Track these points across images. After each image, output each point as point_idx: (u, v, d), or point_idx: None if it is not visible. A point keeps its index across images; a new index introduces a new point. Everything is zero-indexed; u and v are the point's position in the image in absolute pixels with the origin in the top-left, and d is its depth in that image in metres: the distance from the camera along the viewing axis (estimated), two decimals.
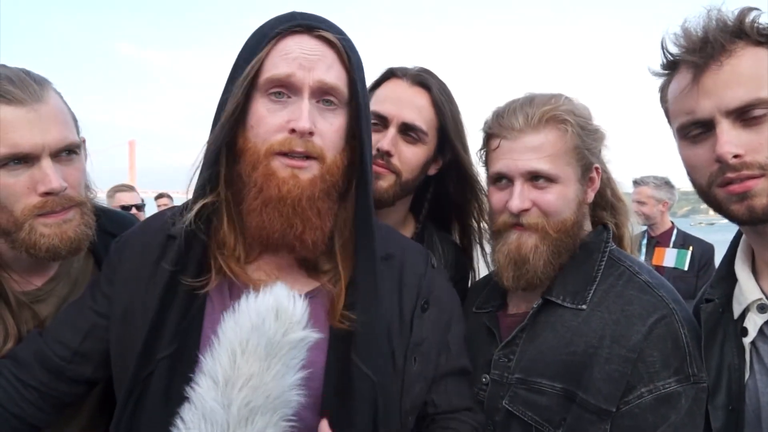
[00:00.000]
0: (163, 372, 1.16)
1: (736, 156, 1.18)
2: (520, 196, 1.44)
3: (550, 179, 1.44)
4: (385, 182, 1.71)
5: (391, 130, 1.72)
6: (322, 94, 1.17)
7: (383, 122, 1.73)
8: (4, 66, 1.40)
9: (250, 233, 1.20)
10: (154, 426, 1.13)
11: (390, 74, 1.81)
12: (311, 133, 1.14)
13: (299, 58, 1.15)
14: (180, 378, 1.14)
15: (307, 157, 1.15)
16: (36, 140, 1.33)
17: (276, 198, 1.14)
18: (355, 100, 1.20)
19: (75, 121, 1.48)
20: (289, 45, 1.17)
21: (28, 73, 1.39)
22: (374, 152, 1.68)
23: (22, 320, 1.42)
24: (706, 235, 5.20)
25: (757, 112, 1.17)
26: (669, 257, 4.81)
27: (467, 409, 1.36)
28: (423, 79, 1.77)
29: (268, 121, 1.15)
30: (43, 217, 1.36)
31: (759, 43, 1.19)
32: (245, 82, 1.15)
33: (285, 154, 1.14)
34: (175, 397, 1.11)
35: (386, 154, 1.70)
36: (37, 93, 1.36)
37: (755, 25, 1.19)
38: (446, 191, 1.94)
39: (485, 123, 1.57)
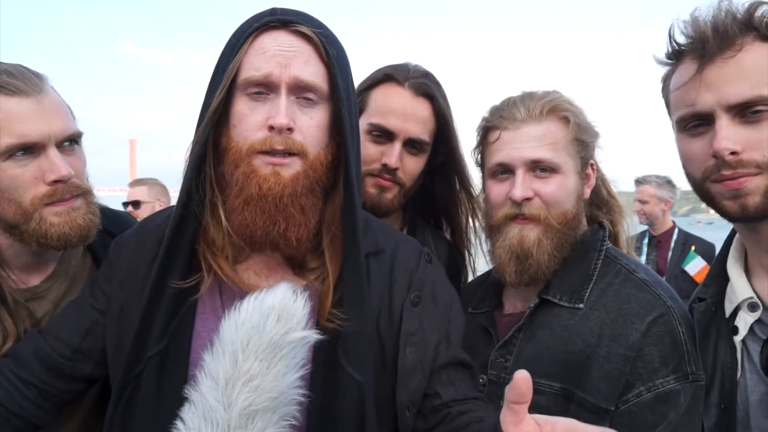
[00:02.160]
0: (153, 370, 1.16)
1: (733, 153, 1.17)
2: (522, 185, 1.43)
3: (552, 169, 1.44)
4: (390, 194, 1.75)
5: (397, 146, 1.73)
6: (300, 90, 1.16)
7: (388, 136, 1.74)
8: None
9: (235, 232, 1.19)
10: (145, 424, 1.14)
11: (388, 78, 1.78)
12: (290, 129, 1.14)
13: (276, 56, 1.15)
14: (170, 376, 1.15)
15: (289, 153, 1.15)
16: (42, 130, 1.35)
17: (257, 196, 1.14)
18: (336, 94, 1.19)
19: (72, 113, 1.49)
20: (265, 42, 1.16)
21: (25, 67, 1.41)
22: (380, 167, 1.72)
23: (19, 319, 1.42)
24: (705, 233, 5.21)
25: (759, 109, 1.15)
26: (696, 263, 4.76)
27: (475, 398, 1.31)
28: (426, 89, 1.76)
29: (249, 119, 1.15)
30: (52, 206, 1.37)
31: (766, 39, 1.17)
32: (226, 82, 1.15)
33: (266, 153, 1.14)
34: (166, 395, 1.12)
35: (393, 170, 1.72)
36: (38, 85, 1.38)
37: (765, 19, 1.17)
38: (434, 188, 1.95)
39: (482, 119, 1.56)
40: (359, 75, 1.29)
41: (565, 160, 1.45)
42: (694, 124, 1.24)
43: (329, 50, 1.18)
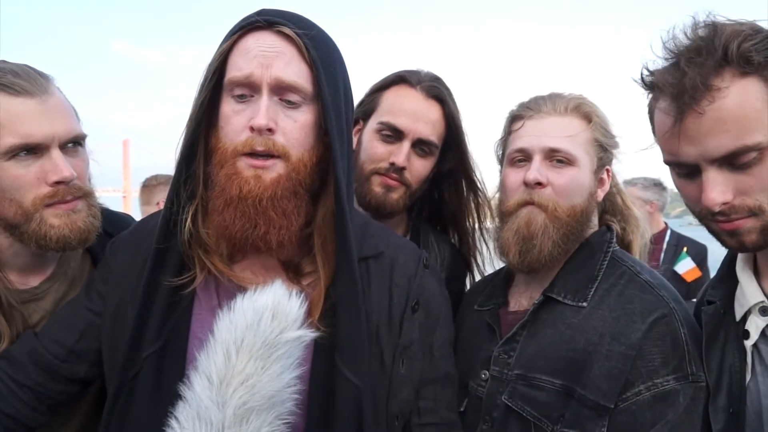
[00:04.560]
0: (150, 370, 1.16)
1: (724, 203, 1.15)
2: (537, 170, 1.46)
3: (568, 160, 1.47)
4: (396, 194, 1.75)
5: (406, 145, 1.73)
6: (283, 91, 1.16)
7: (398, 135, 1.74)
8: (5, 61, 1.41)
9: (215, 233, 1.20)
10: (143, 424, 1.13)
11: (401, 80, 1.79)
12: (271, 130, 1.13)
13: (258, 56, 1.14)
14: (168, 376, 1.15)
15: (270, 155, 1.14)
16: (46, 131, 1.34)
17: (236, 198, 1.13)
18: (320, 96, 1.18)
19: (76, 115, 1.49)
20: (248, 43, 1.16)
21: (31, 67, 1.40)
22: (387, 166, 1.73)
23: (13, 321, 1.41)
24: (698, 234, 5.23)
25: (744, 159, 1.11)
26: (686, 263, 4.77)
27: (449, 423, 1.34)
28: (437, 92, 1.77)
29: (233, 121, 1.15)
30: (53, 207, 1.37)
31: (745, 73, 1.09)
32: (209, 83, 1.16)
33: (249, 155, 1.14)
34: (164, 394, 1.12)
35: (400, 169, 1.73)
36: (44, 85, 1.38)
37: (741, 52, 1.09)
38: (442, 196, 1.95)
39: (509, 111, 1.61)
40: (358, 76, 1.28)
41: (581, 154, 1.49)
42: (682, 172, 1.22)
43: (312, 51, 1.16)
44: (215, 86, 1.18)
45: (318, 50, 1.17)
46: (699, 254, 4.78)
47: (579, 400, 1.34)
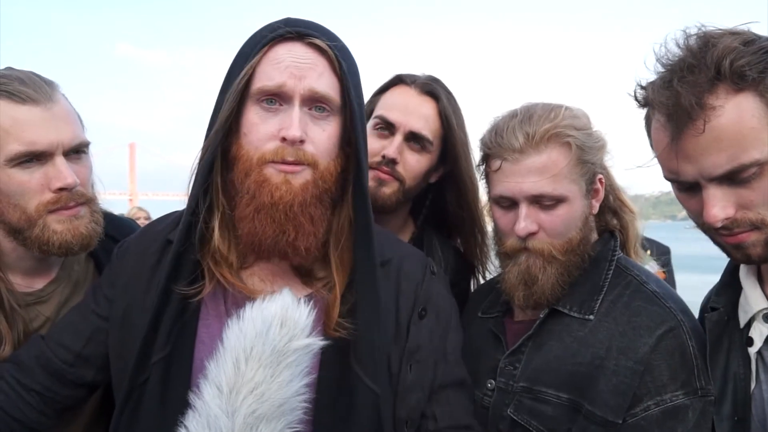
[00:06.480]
0: (158, 376, 1.16)
1: (725, 218, 1.15)
2: (526, 219, 1.41)
3: (557, 200, 1.40)
4: (388, 189, 1.73)
5: (398, 138, 1.73)
6: (314, 102, 1.17)
7: (390, 129, 1.74)
8: (12, 68, 1.43)
9: (242, 240, 1.20)
10: (150, 430, 1.13)
11: (398, 80, 1.82)
12: (302, 141, 1.14)
13: (290, 67, 1.15)
14: (175, 382, 1.15)
15: (299, 163, 1.15)
16: (51, 138, 1.37)
17: (268, 204, 1.14)
18: (348, 106, 1.20)
19: (81, 121, 1.51)
20: (280, 53, 1.17)
21: (36, 74, 1.43)
22: (379, 159, 1.71)
23: (14, 324, 1.42)
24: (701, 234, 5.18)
25: (743, 175, 1.11)
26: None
27: (467, 426, 1.33)
28: (431, 89, 1.78)
29: (260, 129, 1.16)
30: (55, 213, 1.39)
31: (740, 89, 1.09)
32: (238, 90, 1.15)
33: (277, 162, 1.14)
34: (170, 401, 1.12)
35: (391, 162, 1.72)
36: (49, 93, 1.40)
37: (734, 69, 1.08)
38: (443, 198, 1.93)
39: (482, 141, 1.51)
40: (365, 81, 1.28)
41: (569, 188, 1.41)
42: (683, 187, 1.22)
43: (342, 63, 1.19)
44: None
45: (346, 62, 1.19)
46: (663, 255, 4.79)
47: (586, 415, 1.33)
